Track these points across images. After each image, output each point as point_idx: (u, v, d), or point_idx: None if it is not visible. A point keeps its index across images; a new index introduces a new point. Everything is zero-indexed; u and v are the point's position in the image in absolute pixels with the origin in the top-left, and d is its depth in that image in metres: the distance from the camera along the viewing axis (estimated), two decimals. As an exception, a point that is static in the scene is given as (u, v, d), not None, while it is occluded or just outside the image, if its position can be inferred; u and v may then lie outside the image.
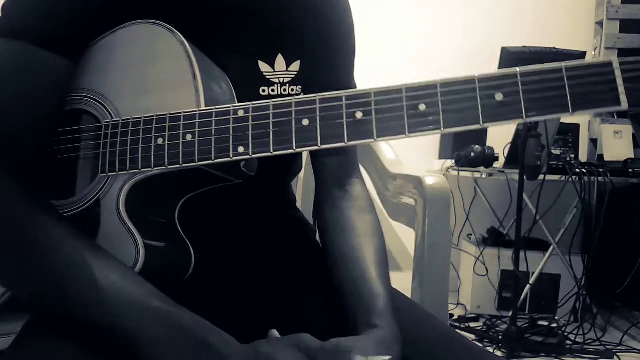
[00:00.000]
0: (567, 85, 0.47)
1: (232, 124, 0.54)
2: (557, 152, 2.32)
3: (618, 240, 2.39)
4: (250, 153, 0.53)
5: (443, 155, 2.67)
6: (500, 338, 2.10)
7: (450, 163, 2.60)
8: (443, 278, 0.91)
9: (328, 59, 0.72)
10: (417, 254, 0.91)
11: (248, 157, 0.53)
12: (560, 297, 2.43)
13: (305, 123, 0.52)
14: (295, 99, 0.53)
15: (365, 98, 0.51)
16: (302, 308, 0.67)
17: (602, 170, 2.23)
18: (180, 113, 0.55)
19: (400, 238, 2.45)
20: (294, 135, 0.52)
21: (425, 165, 2.69)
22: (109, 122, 0.58)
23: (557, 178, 2.27)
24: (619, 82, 0.46)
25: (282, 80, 0.67)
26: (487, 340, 2.17)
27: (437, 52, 2.75)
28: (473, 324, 2.36)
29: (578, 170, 2.23)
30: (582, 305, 2.32)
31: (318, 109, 0.52)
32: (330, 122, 0.52)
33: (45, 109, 0.57)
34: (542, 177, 2.15)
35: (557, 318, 2.38)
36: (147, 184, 0.57)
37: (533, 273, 2.37)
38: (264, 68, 0.67)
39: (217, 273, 0.66)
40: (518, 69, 0.48)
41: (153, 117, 0.56)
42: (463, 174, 2.56)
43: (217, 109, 0.54)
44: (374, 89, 0.51)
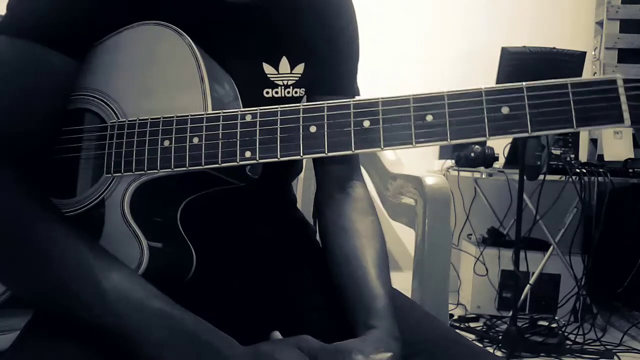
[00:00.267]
0: (572, 101, 0.48)
1: (239, 129, 0.54)
2: (557, 152, 2.31)
3: (618, 240, 2.38)
4: (257, 158, 0.53)
5: (443, 155, 2.67)
6: (500, 338, 2.10)
7: (450, 163, 2.60)
8: (443, 278, 0.91)
9: (332, 62, 0.72)
10: (417, 254, 0.91)
11: (255, 162, 0.54)
12: (560, 297, 2.43)
13: (313, 130, 0.53)
14: (303, 106, 0.53)
15: (373, 107, 0.52)
16: (302, 308, 0.67)
17: (602, 170, 2.23)
18: (188, 116, 0.55)
19: (400, 238, 2.45)
20: (302, 142, 0.53)
21: (425, 165, 2.68)
22: (115, 122, 0.57)
23: (557, 178, 2.26)
24: (623, 99, 0.47)
25: (286, 83, 0.68)
26: (487, 340, 2.17)
27: (437, 52, 2.75)
28: (473, 324, 2.36)
29: (578, 170, 2.23)
30: (582, 305, 2.32)
31: (326, 117, 0.53)
32: (338, 129, 0.52)
33: (49, 108, 0.57)
34: (542, 177, 2.16)
35: (557, 318, 2.38)
36: (151, 185, 0.57)
37: (533, 273, 2.37)
38: (268, 70, 0.67)
39: (218, 274, 0.66)
40: (524, 84, 0.49)
41: (160, 119, 0.56)
42: (463, 174, 2.56)
43: (224, 113, 0.54)
44: (382, 98, 0.52)
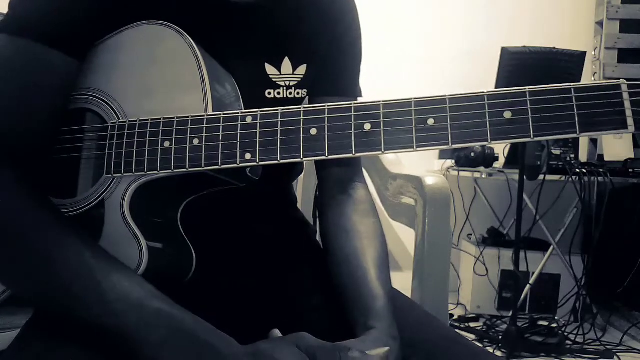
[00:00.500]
0: (575, 106, 0.47)
1: (239, 130, 0.54)
2: (557, 152, 2.31)
3: (618, 240, 2.38)
4: (258, 160, 0.53)
5: (443, 155, 2.67)
6: (500, 338, 2.10)
7: (450, 163, 2.60)
8: (443, 278, 0.91)
9: (335, 63, 0.72)
10: (417, 254, 0.91)
11: (255, 164, 0.53)
12: (560, 297, 2.43)
13: (313, 132, 0.52)
14: (304, 108, 0.53)
15: (374, 110, 0.51)
16: (302, 308, 0.67)
17: (602, 170, 2.23)
18: (188, 117, 0.55)
19: (400, 238, 2.45)
20: (302, 144, 0.53)
21: (425, 165, 2.68)
22: (116, 122, 0.57)
23: (557, 178, 2.26)
24: (627, 105, 0.46)
25: (288, 84, 0.68)
26: (487, 340, 2.17)
27: (437, 52, 2.75)
28: (473, 324, 2.36)
29: (578, 170, 2.23)
30: (582, 305, 2.32)
31: (326, 119, 0.52)
32: (339, 132, 0.52)
33: (50, 108, 0.56)
34: (542, 177, 2.16)
35: (557, 318, 2.38)
36: (151, 186, 0.57)
37: (533, 273, 2.37)
38: (271, 71, 0.67)
39: (218, 274, 0.66)
40: (527, 88, 0.48)
41: (160, 119, 0.56)
42: (463, 174, 2.56)
43: (225, 115, 0.54)
44: (383, 101, 0.52)
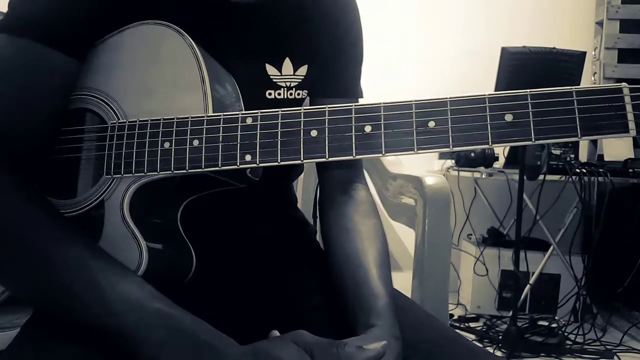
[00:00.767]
0: (576, 110, 0.47)
1: (239, 132, 0.54)
2: (557, 152, 2.30)
3: (618, 240, 2.38)
4: (258, 162, 0.53)
5: (443, 156, 2.66)
6: (500, 338, 2.10)
7: (450, 163, 2.60)
8: (443, 278, 0.91)
9: (336, 63, 0.72)
10: (417, 254, 0.91)
11: (255, 165, 0.53)
12: (560, 297, 2.42)
13: (314, 134, 0.52)
14: (304, 110, 0.53)
15: (375, 112, 0.51)
16: (302, 308, 0.67)
17: (602, 170, 2.23)
18: (188, 118, 0.55)
19: (400, 238, 2.45)
20: (302, 146, 0.52)
21: (425, 165, 2.68)
22: (115, 123, 0.57)
23: (557, 178, 2.26)
24: (629, 109, 0.46)
25: (288, 84, 0.67)
26: (487, 340, 2.17)
27: (437, 52, 2.75)
28: (473, 324, 2.36)
29: (578, 170, 2.22)
30: (582, 305, 2.32)
31: (327, 121, 0.52)
32: (339, 134, 0.52)
33: (49, 108, 0.56)
34: (542, 177, 2.16)
35: (557, 318, 2.38)
36: (151, 187, 0.57)
37: (533, 273, 2.36)
38: (271, 71, 0.67)
39: (218, 274, 0.66)
40: (528, 91, 0.48)
41: (160, 120, 0.55)
42: (463, 174, 2.55)
43: (225, 116, 0.54)
44: (384, 103, 0.51)
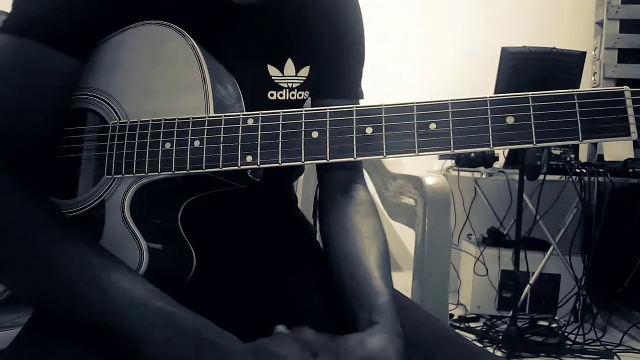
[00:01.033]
0: (578, 113, 0.47)
1: (241, 133, 0.54)
2: (557, 152, 2.30)
3: (618, 240, 2.38)
4: (259, 163, 0.53)
5: (443, 155, 2.67)
6: (500, 338, 2.10)
7: (450, 163, 2.60)
8: (443, 278, 0.91)
9: (337, 64, 0.72)
10: (417, 254, 0.91)
11: (256, 166, 0.53)
12: (560, 297, 2.43)
13: (315, 135, 0.52)
14: (305, 111, 0.53)
15: (376, 114, 0.51)
16: (303, 308, 0.67)
17: (602, 170, 2.23)
18: (189, 118, 0.55)
19: (400, 238, 2.45)
20: (303, 147, 0.52)
21: (425, 165, 2.68)
22: (117, 123, 0.57)
23: (557, 178, 2.26)
24: (630, 112, 0.46)
25: (290, 85, 0.67)
26: (487, 340, 2.17)
27: (437, 52, 2.75)
28: (473, 324, 2.36)
29: (578, 170, 2.22)
30: (582, 305, 2.32)
31: (328, 122, 0.52)
32: (340, 136, 0.52)
33: (50, 108, 0.56)
34: (542, 177, 2.16)
35: (557, 318, 2.38)
36: (151, 187, 0.57)
37: (533, 273, 2.37)
38: (273, 72, 0.67)
39: (218, 274, 0.66)
40: (530, 94, 0.48)
41: (161, 120, 0.55)
42: (463, 174, 2.56)
43: (226, 117, 0.54)
44: (385, 105, 0.51)
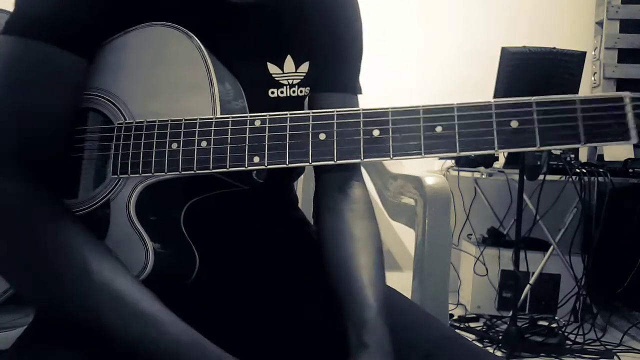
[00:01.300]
0: (579, 117, 0.48)
1: (248, 134, 0.54)
2: (557, 152, 2.30)
3: (618, 240, 2.38)
4: (266, 164, 0.54)
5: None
6: (500, 338, 2.10)
7: (450, 163, 2.60)
8: (443, 278, 0.91)
9: (336, 61, 0.72)
10: (417, 254, 0.91)
11: (263, 167, 0.54)
12: (560, 297, 2.43)
13: (322, 137, 0.53)
14: (313, 113, 0.53)
15: (383, 116, 0.52)
16: (303, 307, 0.67)
17: (602, 170, 2.23)
18: (196, 119, 0.55)
19: (400, 238, 2.45)
20: (310, 149, 0.53)
21: (425, 165, 2.68)
22: (123, 123, 0.57)
23: (557, 178, 2.26)
24: (630, 116, 0.47)
25: (290, 82, 0.67)
26: (487, 340, 2.17)
27: (437, 52, 2.75)
28: (473, 324, 2.36)
29: (578, 170, 2.23)
30: (582, 305, 2.32)
31: (335, 124, 0.53)
32: (347, 138, 0.52)
33: (62, 109, 0.56)
34: (542, 177, 2.16)
35: (557, 318, 2.38)
36: (156, 187, 0.57)
37: (533, 273, 2.37)
38: (273, 70, 0.67)
39: (220, 275, 0.66)
40: (534, 98, 0.49)
41: (168, 121, 0.56)
42: (463, 174, 2.56)
43: (233, 118, 0.54)
44: (392, 108, 0.52)
